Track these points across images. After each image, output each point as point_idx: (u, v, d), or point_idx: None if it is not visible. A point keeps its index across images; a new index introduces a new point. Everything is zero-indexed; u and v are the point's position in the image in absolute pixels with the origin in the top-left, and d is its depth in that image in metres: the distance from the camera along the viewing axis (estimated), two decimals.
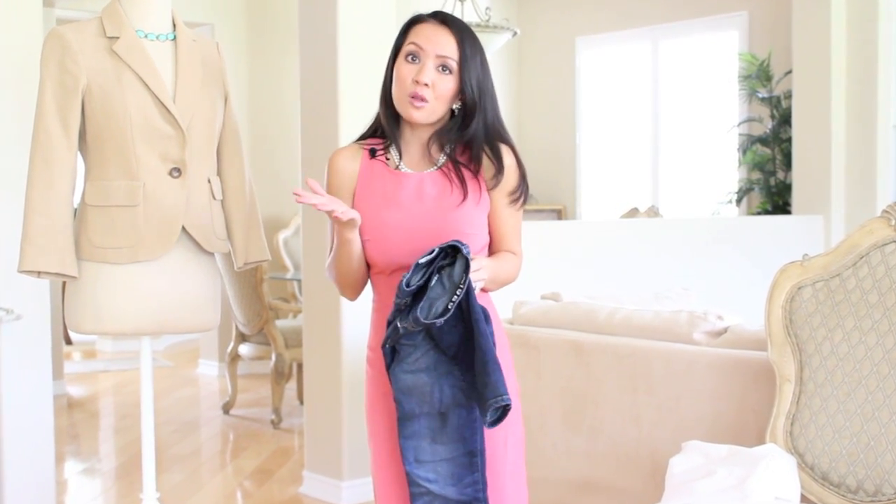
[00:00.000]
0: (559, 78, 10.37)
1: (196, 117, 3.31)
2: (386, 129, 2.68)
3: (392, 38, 2.68)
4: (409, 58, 2.59)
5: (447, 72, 2.58)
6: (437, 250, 2.42)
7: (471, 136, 2.63)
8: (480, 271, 2.48)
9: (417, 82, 2.55)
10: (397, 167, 2.65)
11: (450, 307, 2.38)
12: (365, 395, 2.72)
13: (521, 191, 2.68)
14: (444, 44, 2.58)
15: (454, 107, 2.63)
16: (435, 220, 2.56)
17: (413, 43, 2.59)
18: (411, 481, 2.55)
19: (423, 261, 2.41)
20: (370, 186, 2.64)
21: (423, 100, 2.56)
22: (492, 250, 2.70)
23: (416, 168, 2.65)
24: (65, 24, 3.29)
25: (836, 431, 2.99)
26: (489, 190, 2.64)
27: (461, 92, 2.61)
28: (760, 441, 3.16)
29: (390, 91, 2.65)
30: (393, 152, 2.67)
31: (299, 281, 7.72)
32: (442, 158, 2.64)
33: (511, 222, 2.69)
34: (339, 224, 2.52)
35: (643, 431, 3.55)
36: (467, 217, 2.58)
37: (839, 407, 2.99)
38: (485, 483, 2.55)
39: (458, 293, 2.38)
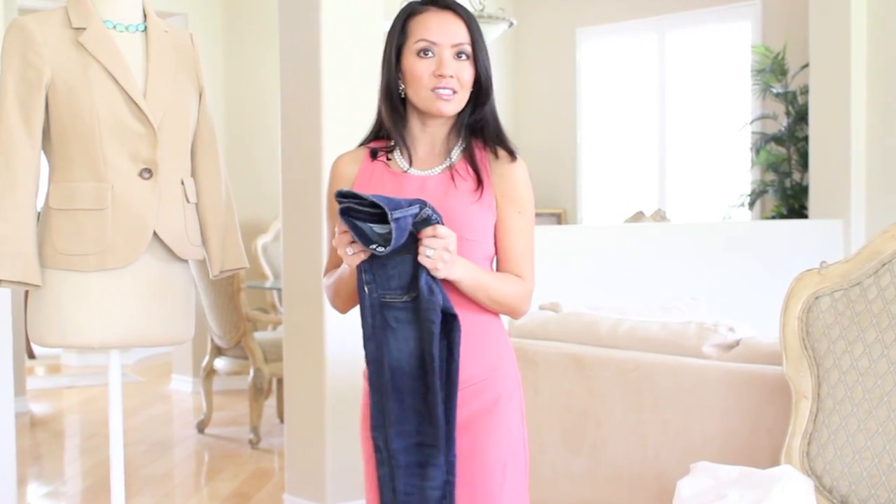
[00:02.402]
0: (559, 72, 10.37)
1: (168, 114, 3.31)
2: (391, 129, 2.68)
3: (379, 28, 2.68)
4: (422, 53, 2.61)
5: (464, 58, 2.61)
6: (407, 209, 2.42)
7: (483, 120, 2.67)
8: (446, 240, 2.43)
9: (441, 76, 2.58)
10: (405, 172, 2.66)
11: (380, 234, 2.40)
12: (360, 413, 2.72)
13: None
14: (455, 31, 2.61)
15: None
16: None
17: (422, 39, 2.61)
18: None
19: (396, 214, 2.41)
20: (368, 188, 2.64)
21: (452, 91, 2.59)
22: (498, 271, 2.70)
23: (422, 167, 2.66)
24: (27, 15, 3.29)
25: (857, 452, 2.99)
26: (492, 175, 2.64)
27: (476, 77, 2.64)
28: (775, 462, 3.16)
29: (391, 89, 2.66)
30: (398, 156, 2.68)
31: (279, 290, 7.72)
32: (456, 152, 2.66)
33: (518, 239, 2.66)
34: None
35: (649, 452, 3.55)
36: (468, 219, 2.58)
37: (859, 425, 2.99)
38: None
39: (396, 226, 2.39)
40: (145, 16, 3.40)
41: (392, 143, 2.70)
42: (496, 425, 2.63)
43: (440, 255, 2.43)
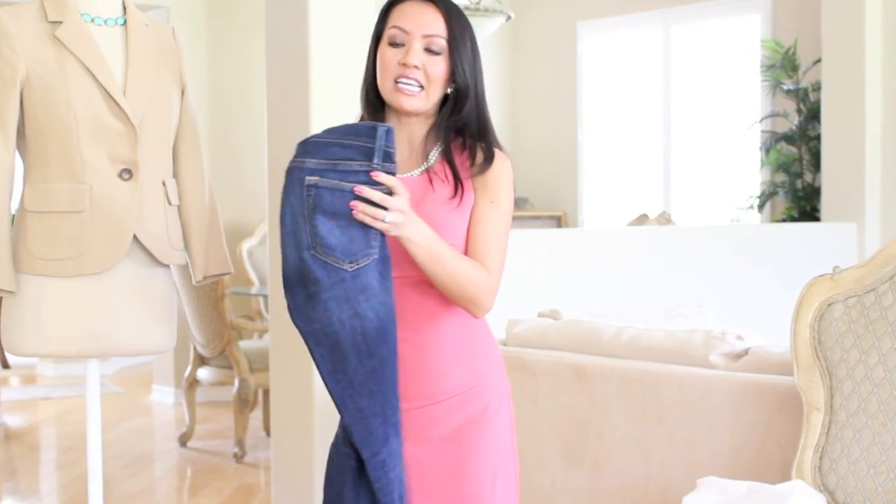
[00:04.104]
0: (558, 68, 10.38)
1: (149, 112, 3.31)
2: None
3: (371, 20, 2.68)
4: (392, 42, 2.61)
5: (436, 53, 2.60)
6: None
7: (464, 121, 2.64)
8: (400, 199, 2.40)
9: (405, 65, 2.57)
10: None
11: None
12: None
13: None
14: (429, 22, 2.60)
15: (448, 90, 2.65)
16: None
17: (395, 26, 2.61)
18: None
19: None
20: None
21: (414, 81, 2.57)
22: None
23: (401, 169, 2.65)
24: (0, 8, 3.29)
25: (871, 466, 2.99)
26: (472, 177, 2.63)
27: (452, 75, 2.62)
28: (785, 477, 3.16)
29: (372, 84, 2.67)
30: None
31: (265, 296, 7.71)
32: (434, 154, 2.65)
33: (485, 229, 2.61)
34: None
35: (653, 466, 3.55)
36: (446, 224, 2.57)
37: (874, 439, 2.99)
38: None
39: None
40: (125, 8, 3.39)
41: None
42: (485, 437, 2.63)
43: (395, 217, 2.40)
